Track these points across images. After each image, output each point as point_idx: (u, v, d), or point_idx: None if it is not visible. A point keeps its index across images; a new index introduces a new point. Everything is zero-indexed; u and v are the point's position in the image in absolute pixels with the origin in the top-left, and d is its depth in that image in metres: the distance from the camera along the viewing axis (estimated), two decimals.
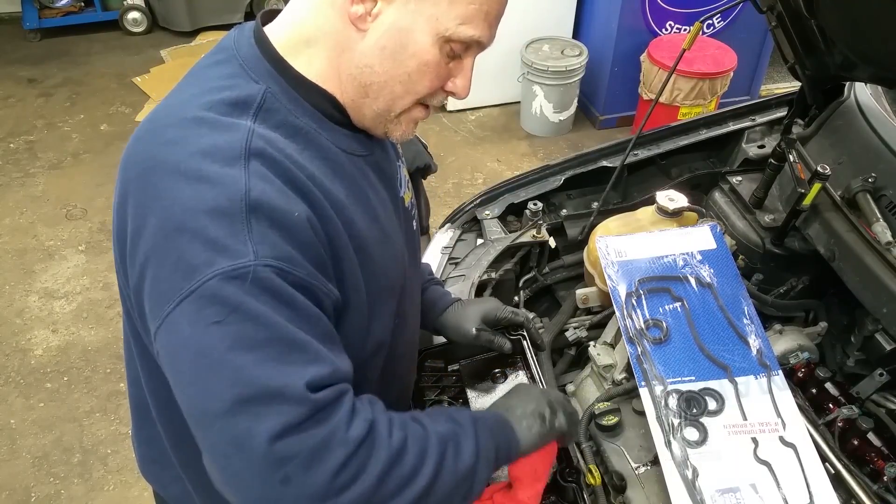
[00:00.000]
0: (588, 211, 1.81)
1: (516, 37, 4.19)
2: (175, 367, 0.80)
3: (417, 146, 3.23)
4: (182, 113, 0.85)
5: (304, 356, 0.78)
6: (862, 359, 1.43)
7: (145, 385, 1.00)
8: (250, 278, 0.75)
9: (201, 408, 0.77)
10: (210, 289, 0.75)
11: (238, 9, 5.35)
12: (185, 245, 0.76)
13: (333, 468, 0.77)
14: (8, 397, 2.85)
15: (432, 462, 0.86)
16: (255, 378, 0.75)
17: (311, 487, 0.76)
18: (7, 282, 3.37)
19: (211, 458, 0.79)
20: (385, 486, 0.81)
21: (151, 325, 0.81)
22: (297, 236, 0.80)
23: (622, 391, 1.32)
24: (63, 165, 4.09)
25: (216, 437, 0.77)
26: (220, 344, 0.75)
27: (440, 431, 0.90)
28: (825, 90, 1.61)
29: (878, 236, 1.31)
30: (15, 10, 5.36)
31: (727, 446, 1.13)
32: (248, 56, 0.89)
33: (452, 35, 0.85)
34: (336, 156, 0.91)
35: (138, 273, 0.81)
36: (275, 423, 0.75)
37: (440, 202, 3.80)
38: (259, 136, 0.82)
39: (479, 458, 0.92)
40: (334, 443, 0.78)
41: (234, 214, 0.77)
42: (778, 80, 4.91)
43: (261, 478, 0.76)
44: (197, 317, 0.76)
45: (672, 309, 1.28)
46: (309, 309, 0.81)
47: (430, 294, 1.32)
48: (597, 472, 1.19)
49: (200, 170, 0.79)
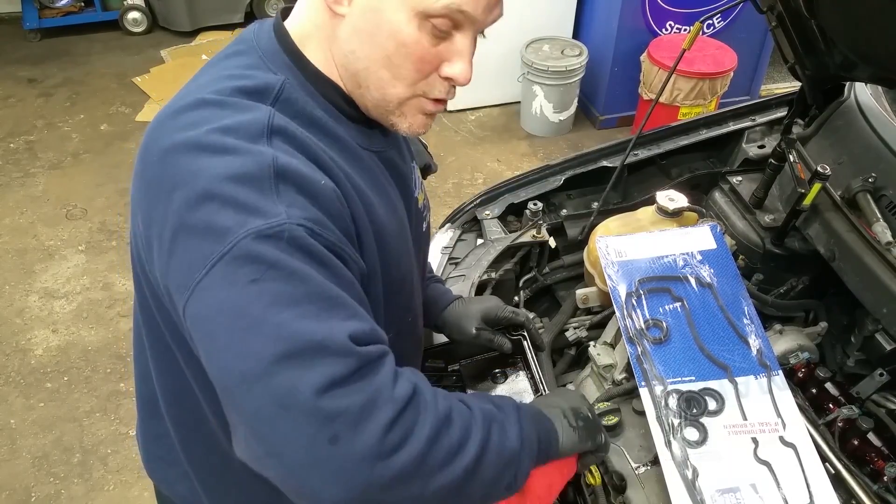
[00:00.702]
0: (588, 211, 1.81)
1: (516, 37, 4.19)
2: (209, 335, 0.75)
3: (417, 146, 3.22)
4: (201, 98, 0.84)
5: (344, 311, 0.76)
6: (862, 359, 1.43)
7: (156, 380, 1.00)
8: (285, 237, 0.74)
9: (240, 371, 0.73)
10: (244, 248, 0.72)
11: (238, 9, 5.35)
12: (214, 211, 0.74)
13: (383, 426, 0.73)
14: (8, 397, 2.85)
15: (479, 436, 0.83)
16: (297, 332, 0.72)
17: (361, 447, 0.72)
18: (7, 282, 3.37)
19: (251, 427, 0.74)
20: (434, 454, 0.77)
21: (180, 299, 0.77)
22: (324, 204, 0.79)
23: (622, 391, 1.32)
24: (63, 165, 4.09)
25: (258, 401, 0.72)
26: (259, 301, 0.72)
27: (484, 409, 0.87)
28: (825, 90, 1.61)
29: (878, 236, 1.31)
30: (15, 10, 5.36)
31: (727, 446, 1.13)
32: (267, 48, 0.89)
33: (428, 9, 0.80)
34: (354, 148, 0.91)
35: (167, 252, 0.78)
36: (320, 377, 0.71)
37: (440, 202, 3.80)
38: (280, 117, 0.82)
39: (524, 443, 0.89)
40: (382, 399, 0.74)
41: (262, 180, 0.75)
42: (778, 80, 4.92)
43: (308, 438, 0.71)
44: (233, 277, 0.73)
45: (672, 309, 1.28)
46: (342, 270, 0.79)
47: (431, 291, 1.32)
48: (597, 472, 1.19)
49: (224, 143, 0.77)
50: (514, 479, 0.88)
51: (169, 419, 1.02)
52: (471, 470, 0.80)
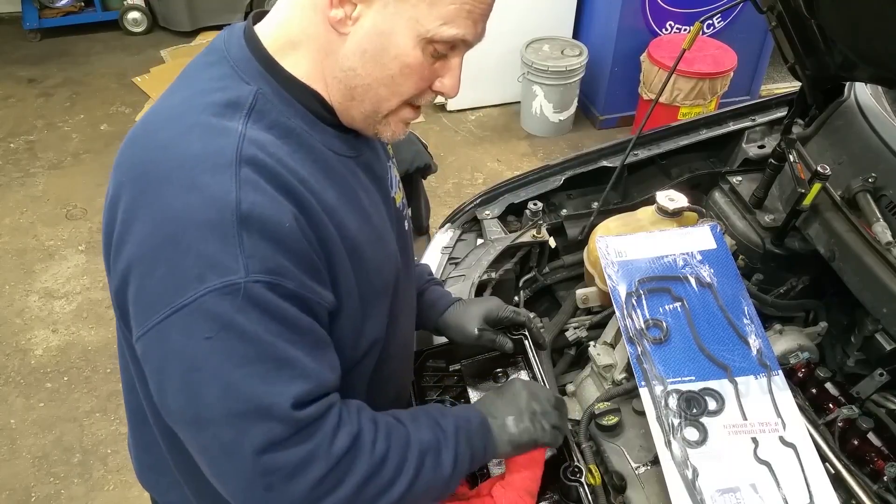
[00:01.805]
0: (588, 211, 1.81)
1: (516, 37, 4.19)
2: (163, 374, 0.82)
3: (417, 146, 3.22)
4: (174, 115, 0.85)
5: (291, 371, 0.81)
6: (862, 359, 1.43)
7: (140, 391, 1.00)
8: (241, 294, 0.77)
9: (193, 413, 0.81)
10: (202, 305, 0.77)
11: (238, 9, 5.34)
12: (175, 257, 0.77)
13: (314, 480, 0.82)
14: (8, 397, 2.85)
15: (410, 472, 0.90)
16: (243, 394, 0.78)
17: (292, 496, 0.82)
18: (7, 282, 3.37)
19: (200, 457, 0.85)
20: (363, 495, 0.86)
21: (135, 329, 0.82)
22: (288, 246, 0.81)
23: (622, 391, 1.32)
24: (63, 165, 4.09)
25: (206, 442, 0.82)
26: (211, 358, 0.78)
27: (423, 441, 0.94)
28: (825, 90, 1.61)
29: (878, 236, 1.31)
30: (15, 10, 5.35)
31: (727, 446, 1.13)
32: (238, 57, 0.89)
33: (434, 36, 0.84)
34: (327, 157, 0.91)
35: (121, 276, 0.83)
36: (262, 437, 0.79)
37: (440, 202, 3.80)
38: (250, 142, 0.82)
39: (456, 467, 0.96)
40: (317, 457, 0.82)
41: (225, 228, 0.77)
42: (778, 80, 4.91)
43: (246, 483, 0.81)
44: (189, 331, 0.78)
45: (672, 309, 1.28)
46: (299, 320, 0.82)
47: (430, 294, 1.32)
48: (597, 472, 1.19)
49: (191, 179, 0.79)
50: (442, 493, 0.98)
51: (157, 428, 1.02)
52: (400, 499, 0.90)
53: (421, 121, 4.51)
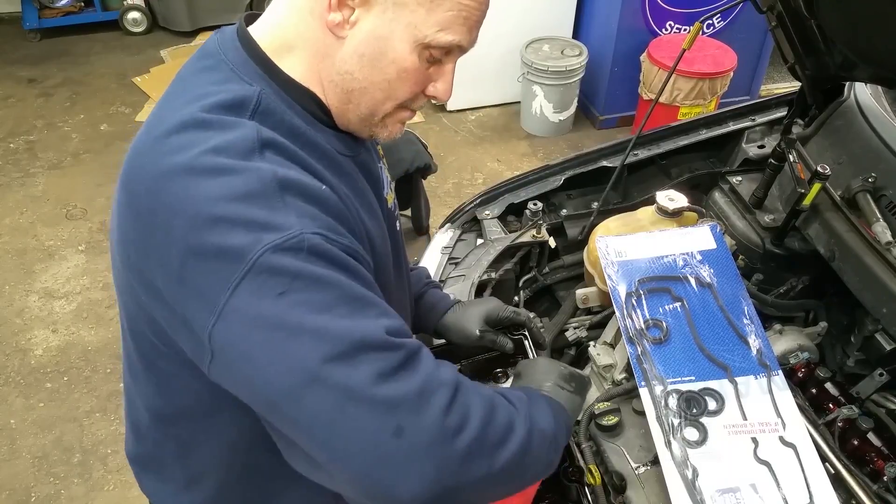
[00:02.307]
0: (588, 211, 1.81)
1: (516, 37, 4.19)
2: (246, 356, 0.75)
3: (417, 146, 3.23)
4: (180, 120, 0.82)
5: (375, 309, 0.78)
6: (862, 359, 1.43)
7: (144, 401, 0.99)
8: (305, 246, 0.75)
9: (288, 384, 0.73)
10: (265, 263, 0.73)
11: (238, 9, 5.34)
12: (223, 233, 0.74)
13: (442, 408, 0.75)
14: (8, 397, 2.85)
15: (522, 416, 0.87)
16: (337, 334, 0.73)
17: (426, 433, 0.74)
18: (7, 282, 3.37)
19: (310, 435, 0.75)
20: (491, 432, 0.80)
21: (203, 325, 0.75)
22: (330, 207, 0.81)
23: (622, 391, 1.32)
24: (63, 165, 4.09)
25: (314, 407, 0.73)
26: (292, 312, 0.73)
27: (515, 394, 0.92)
28: (825, 90, 1.61)
29: (878, 236, 1.31)
30: (15, 10, 5.35)
31: (727, 446, 1.13)
32: (236, 60, 0.88)
33: (431, 42, 0.85)
34: (333, 155, 0.92)
35: (177, 280, 0.76)
36: (370, 371, 0.73)
37: (440, 202, 3.80)
38: (266, 131, 0.82)
39: (555, 419, 0.94)
40: (434, 384, 0.77)
41: (268, 195, 0.76)
42: (778, 80, 4.91)
43: (373, 434, 0.73)
44: (260, 293, 0.73)
45: (672, 309, 1.28)
46: (362, 272, 0.81)
47: (429, 297, 1.32)
48: (597, 472, 1.19)
49: (218, 163, 0.76)
50: (555, 454, 0.93)
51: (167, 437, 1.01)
52: (524, 446, 0.84)
53: (421, 121, 4.51)
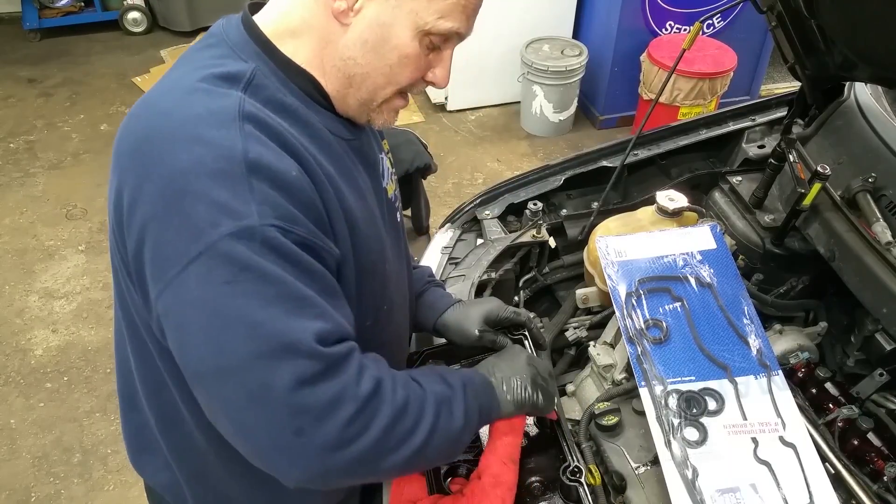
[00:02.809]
0: (588, 211, 1.81)
1: (516, 37, 4.19)
2: (183, 328, 0.81)
3: (417, 146, 3.22)
4: (174, 87, 0.88)
5: (312, 311, 0.82)
6: (862, 359, 1.43)
7: (136, 370, 1.02)
8: (258, 238, 0.78)
9: (216, 364, 0.80)
10: (219, 249, 0.77)
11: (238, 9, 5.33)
12: (188, 207, 0.78)
13: (344, 421, 0.81)
14: (8, 397, 2.85)
15: (429, 421, 0.92)
16: (268, 333, 0.78)
17: (322, 438, 0.81)
18: (7, 282, 3.37)
19: (224, 412, 0.82)
20: (388, 441, 0.86)
21: (153, 288, 0.82)
22: (296, 195, 0.83)
23: (622, 391, 1.32)
24: (63, 165, 4.10)
25: (232, 392, 0.80)
26: (233, 302, 0.78)
27: (436, 392, 0.96)
28: (825, 90, 1.61)
29: (878, 236, 1.31)
30: (15, 10, 5.35)
31: (727, 446, 1.13)
32: (236, 40, 0.92)
33: (432, 29, 0.89)
34: (324, 135, 0.94)
35: (136, 239, 0.82)
36: (290, 375, 0.78)
37: (440, 202, 3.80)
38: (250, 103, 0.85)
39: (467, 420, 0.98)
40: (346, 397, 0.82)
41: (235, 175, 0.79)
42: (778, 80, 4.92)
43: (275, 429, 0.80)
44: (208, 277, 0.78)
45: (672, 309, 1.28)
46: (312, 265, 0.84)
47: (429, 295, 1.32)
48: (597, 472, 1.19)
49: (196, 133, 0.80)
50: (455, 448, 0.99)
51: (149, 409, 1.04)
52: (421, 448, 0.90)
53: (421, 121, 4.51)
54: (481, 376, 1.06)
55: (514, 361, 1.10)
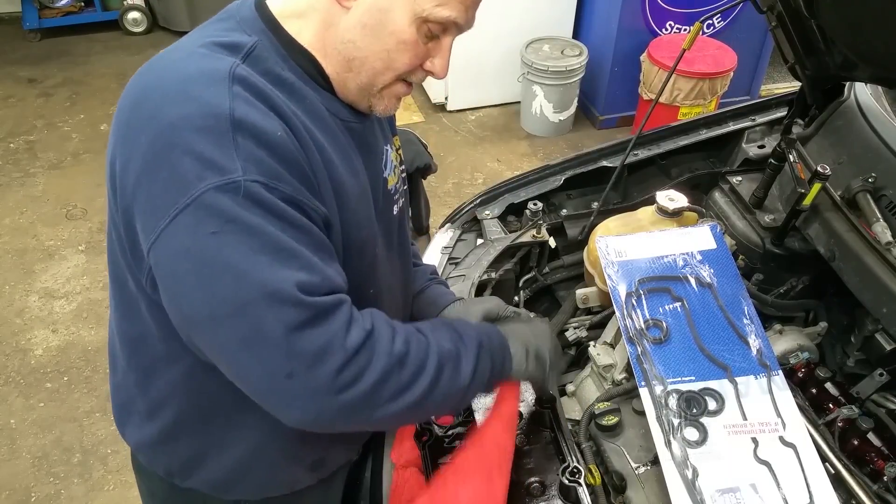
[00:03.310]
0: (588, 211, 1.81)
1: (516, 37, 4.19)
2: (175, 277, 0.85)
3: (417, 146, 3.22)
4: (176, 49, 0.94)
5: (297, 262, 0.84)
6: (862, 359, 1.43)
7: (116, 327, 1.07)
8: (242, 192, 0.80)
9: (208, 311, 0.83)
10: (205, 201, 0.80)
11: None
12: (175, 160, 0.81)
13: (334, 369, 0.85)
14: (8, 397, 2.85)
15: (429, 376, 0.94)
16: (254, 282, 0.81)
17: (314, 383, 0.85)
18: (7, 282, 3.37)
19: (221, 356, 0.87)
20: (383, 391, 0.89)
21: (145, 241, 0.85)
22: (282, 154, 0.85)
23: (622, 391, 1.32)
24: (63, 165, 4.09)
25: (225, 337, 0.84)
26: (220, 252, 0.81)
27: (443, 349, 0.98)
28: (825, 90, 1.61)
29: (878, 236, 1.31)
30: (15, 10, 5.35)
31: (727, 446, 1.13)
32: (245, 16, 0.96)
33: (429, 16, 0.90)
34: (320, 111, 0.96)
35: (131, 193, 0.86)
36: (278, 323, 0.82)
37: (440, 202, 3.80)
38: (244, 68, 0.88)
39: (475, 379, 1.00)
40: (333, 347, 0.85)
41: (220, 132, 0.81)
42: (778, 80, 4.91)
43: (268, 372, 0.85)
44: (195, 228, 0.81)
45: (672, 309, 1.28)
46: (298, 220, 0.86)
47: (431, 292, 1.32)
48: (597, 472, 1.19)
49: (186, 90, 0.84)
50: (460, 403, 1.03)
51: (129, 365, 1.08)
52: (416, 403, 0.93)
53: (421, 121, 4.51)
54: (500, 337, 1.08)
55: (535, 330, 1.14)
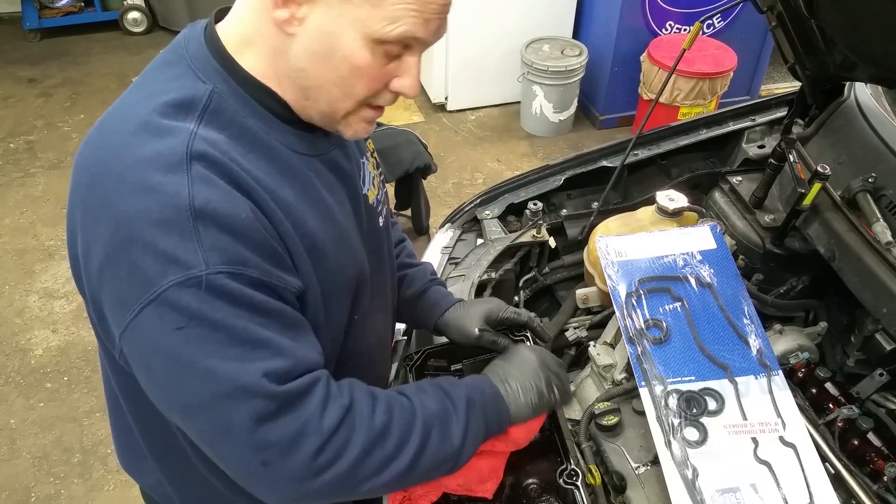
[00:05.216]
0: (588, 211, 1.81)
1: (516, 37, 4.19)
2: (147, 369, 0.85)
3: (417, 146, 3.23)
4: (127, 117, 0.86)
5: (265, 351, 0.82)
6: (862, 359, 1.43)
7: (113, 379, 1.04)
8: (203, 286, 0.78)
9: (181, 402, 0.84)
10: (168, 298, 0.78)
11: None
12: (136, 257, 0.79)
13: (310, 453, 0.84)
14: (8, 397, 2.85)
15: (415, 444, 0.91)
16: (221, 377, 0.80)
17: (291, 469, 0.84)
18: (7, 282, 3.37)
19: (199, 442, 0.87)
20: (365, 467, 0.88)
21: (115, 328, 0.84)
22: (247, 236, 0.82)
23: (622, 391, 1.32)
24: (63, 165, 4.09)
25: (200, 427, 0.85)
26: (185, 348, 0.80)
27: (430, 411, 0.95)
28: (825, 90, 1.61)
29: (878, 236, 1.31)
30: (15, 10, 5.35)
31: (727, 446, 1.13)
32: (196, 55, 0.89)
33: (383, 37, 0.82)
34: (287, 156, 0.90)
35: (96, 281, 0.84)
36: (247, 416, 0.81)
37: (440, 202, 3.80)
38: (201, 139, 0.82)
39: (467, 439, 0.97)
40: (308, 431, 0.84)
41: (181, 224, 0.78)
42: (778, 80, 4.91)
43: (245, 461, 0.84)
44: (160, 324, 0.79)
45: (672, 309, 1.28)
46: (267, 304, 0.83)
47: (431, 294, 1.32)
48: (597, 472, 1.19)
49: (144, 180, 0.79)
50: (454, 466, 0.98)
51: (129, 414, 1.06)
52: (404, 472, 0.91)
53: (421, 121, 4.51)
54: (491, 387, 1.04)
55: (526, 365, 1.09)
